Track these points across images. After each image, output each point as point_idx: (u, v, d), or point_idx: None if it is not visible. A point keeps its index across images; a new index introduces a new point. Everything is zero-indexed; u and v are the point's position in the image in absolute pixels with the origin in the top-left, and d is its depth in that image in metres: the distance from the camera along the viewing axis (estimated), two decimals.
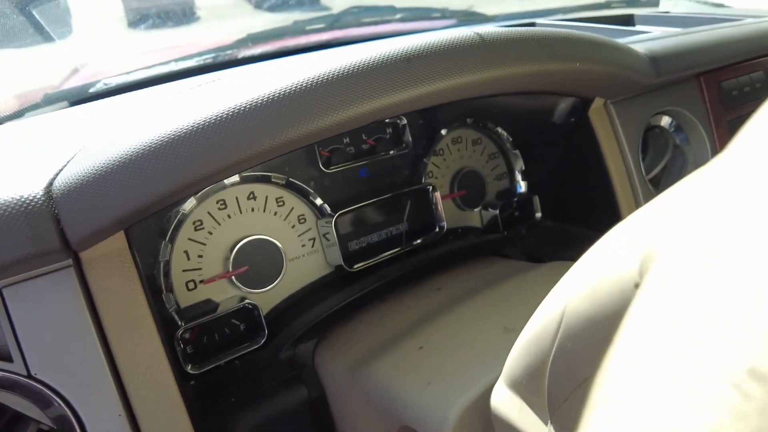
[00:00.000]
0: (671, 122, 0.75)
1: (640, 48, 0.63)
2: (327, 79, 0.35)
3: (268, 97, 0.32)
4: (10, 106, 0.69)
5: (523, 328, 0.32)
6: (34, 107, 0.67)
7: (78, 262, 0.35)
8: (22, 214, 0.30)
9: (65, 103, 0.69)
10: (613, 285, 0.21)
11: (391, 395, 0.41)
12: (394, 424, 0.39)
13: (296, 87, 0.34)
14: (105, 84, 0.76)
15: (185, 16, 1.07)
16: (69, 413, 0.34)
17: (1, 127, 0.55)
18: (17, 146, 0.46)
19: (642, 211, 0.23)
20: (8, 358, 0.33)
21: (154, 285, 0.49)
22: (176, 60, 0.86)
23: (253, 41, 0.95)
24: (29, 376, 0.33)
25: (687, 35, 0.72)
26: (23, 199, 0.30)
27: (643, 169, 0.68)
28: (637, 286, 0.20)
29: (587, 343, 0.23)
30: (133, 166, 0.30)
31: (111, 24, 1.01)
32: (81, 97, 0.70)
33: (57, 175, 0.32)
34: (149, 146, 0.30)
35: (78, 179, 0.31)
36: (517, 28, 0.45)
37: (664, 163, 0.77)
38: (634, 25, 1.08)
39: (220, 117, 0.31)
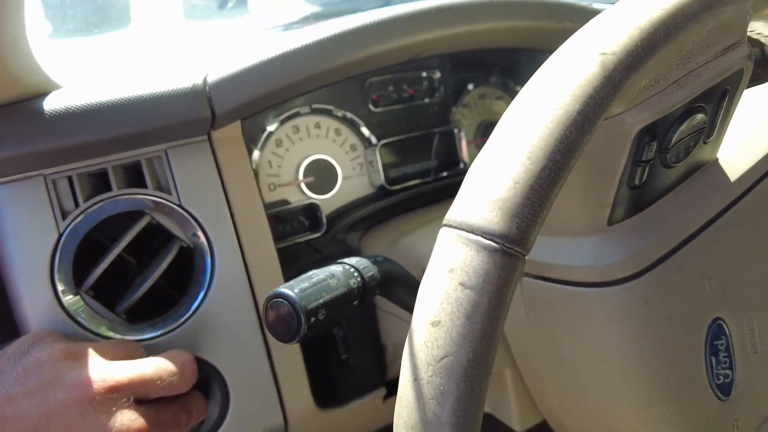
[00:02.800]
0: None
1: None
2: (381, 20, 0.52)
3: (348, 29, 0.50)
4: None
5: None
6: None
7: (210, 140, 0.53)
8: (190, 93, 0.48)
9: None
10: None
11: (417, 251, 0.57)
12: (419, 269, 0.56)
13: (360, 26, 0.51)
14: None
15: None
16: (202, 235, 0.53)
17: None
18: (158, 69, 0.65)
19: None
20: (168, 192, 0.51)
21: None
22: (254, 32, 1.06)
23: (316, 19, 1.14)
24: (180, 205, 0.52)
25: None
26: (191, 86, 0.48)
27: None
28: None
29: None
30: (261, 65, 0.48)
31: None
32: None
33: (208, 73, 0.50)
34: (273, 54, 0.48)
35: (223, 75, 0.49)
36: None
37: None
38: None
39: (325, 37, 0.49)
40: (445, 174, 0.80)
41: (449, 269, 0.26)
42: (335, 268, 0.43)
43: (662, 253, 0.39)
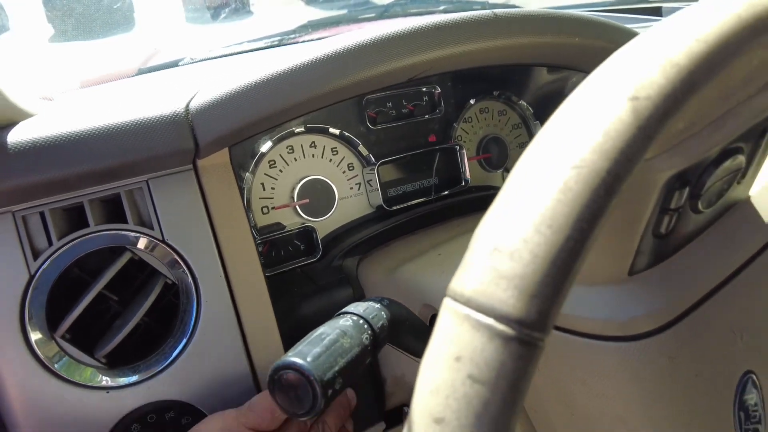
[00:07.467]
0: None
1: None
2: (375, 41, 0.48)
3: (340, 50, 0.46)
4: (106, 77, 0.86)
5: None
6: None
7: (196, 169, 0.50)
8: (171, 123, 0.44)
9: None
10: None
11: (415, 284, 0.53)
12: (418, 304, 0.52)
13: (352, 47, 0.47)
14: (191, 59, 0.92)
15: (248, 6, 1.25)
16: (187, 271, 0.49)
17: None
18: (142, 91, 0.61)
19: None
20: (150, 227, 0.48)
21: None
22: (248, 41, 1.02)
23: (312, 27, 1.10)
24: (163, 240, 0.48)
25: None
26: (172, 114, 0.44)
27: None
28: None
29: None
30: (247, 91, 0.44)
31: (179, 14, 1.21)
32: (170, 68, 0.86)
33: (191, 99, 0.46)
34: (260, 78, 0.44)
35: (207, 101, 0.45)
36: (528, 9, 0.57)
37: None
38: (661, 16, 1.16)
39: (315, 60, 0.45)
40: (446, 192, 0.77)
41: (455, 356, 0.23)
42: (345, 323, 0.38)
43: (688, 305, 0.36)
